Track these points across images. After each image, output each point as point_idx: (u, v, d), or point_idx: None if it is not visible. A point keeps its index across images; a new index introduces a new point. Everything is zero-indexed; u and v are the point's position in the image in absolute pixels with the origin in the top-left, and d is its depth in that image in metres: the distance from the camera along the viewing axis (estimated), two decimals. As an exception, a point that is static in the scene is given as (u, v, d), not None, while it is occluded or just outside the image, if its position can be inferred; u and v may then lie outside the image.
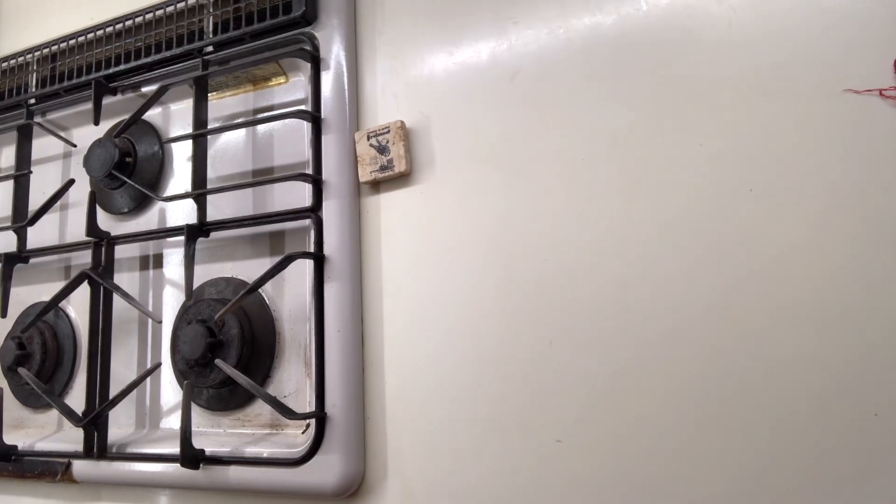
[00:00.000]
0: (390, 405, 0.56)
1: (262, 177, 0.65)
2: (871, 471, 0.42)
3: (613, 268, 0.50)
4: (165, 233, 0.67)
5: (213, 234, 0.65)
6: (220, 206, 0.66)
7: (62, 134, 0.80)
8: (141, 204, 0.72)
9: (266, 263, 0.56)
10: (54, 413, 0.74)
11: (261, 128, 0.67)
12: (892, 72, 0.44)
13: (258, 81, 0.68)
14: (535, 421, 0.50)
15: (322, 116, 0.61)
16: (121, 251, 0.72)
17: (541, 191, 0.54)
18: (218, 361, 0.58)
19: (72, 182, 0.75)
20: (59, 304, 0.73)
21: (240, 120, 0.68)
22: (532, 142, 0.55)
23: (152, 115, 0.74)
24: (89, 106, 0.73)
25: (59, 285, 0.70)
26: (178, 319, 0.67)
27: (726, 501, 0.44)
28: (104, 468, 0.64)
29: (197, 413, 0.64)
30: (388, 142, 0.58)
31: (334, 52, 0.62)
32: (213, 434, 0.63)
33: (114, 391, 0.65)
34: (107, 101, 0.74)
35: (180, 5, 0.70)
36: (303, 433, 0.57)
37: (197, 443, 0.58)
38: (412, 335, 0.56)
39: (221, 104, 0.70)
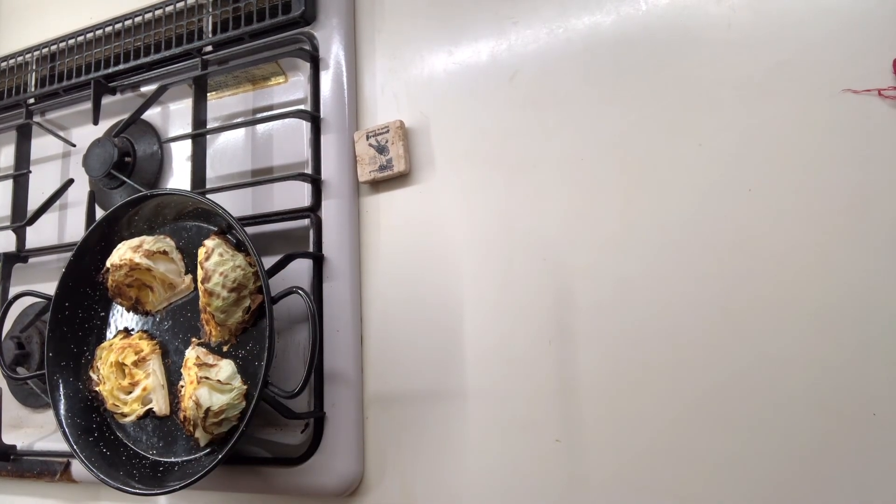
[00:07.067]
0: (390, 405, 0.56)
1: (262, 176, 0.65)
2: (869, 470, 0.42)
3: (613, 268, 0.50)
4: (165, 232, 0.67)
5: (213, 234, 0.64)
6: (220, 206, 0.66)
7: (61, 133, 0.79)
8: (140, 203, 0.72)
9: (265, 263, 0.56)
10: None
11: (260, 127, 0.67)
12: (892, 72, 0.44)
13: (257, 81, 0.68)
14: (534, 421, 0.50)
15: (321, 116, 0.61)
16: (120, 251, 0.72)
17: (540, 191, 0.54)
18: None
19: (71, 182, 0.75)
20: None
21: (239, 119, 0.68)
22: (531, 142, 0.55)
23: (151, 114, 0.74)
24: (88, 105, 0.73)
25: (58, 285, 0.70)
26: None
27: (725, 500, 0.44)
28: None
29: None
30: (387, 141, 0.58)
31: (333, 52, 0.62)
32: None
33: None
34: (106, 100, 0.74)
35: (179, 5, 0.70)
36: (301, 433, 0.57)
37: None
38: (411, 335, 0.56)
39: (221, 104, 0.69)
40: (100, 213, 0.72)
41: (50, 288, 0.60)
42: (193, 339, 0.57)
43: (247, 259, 0.55)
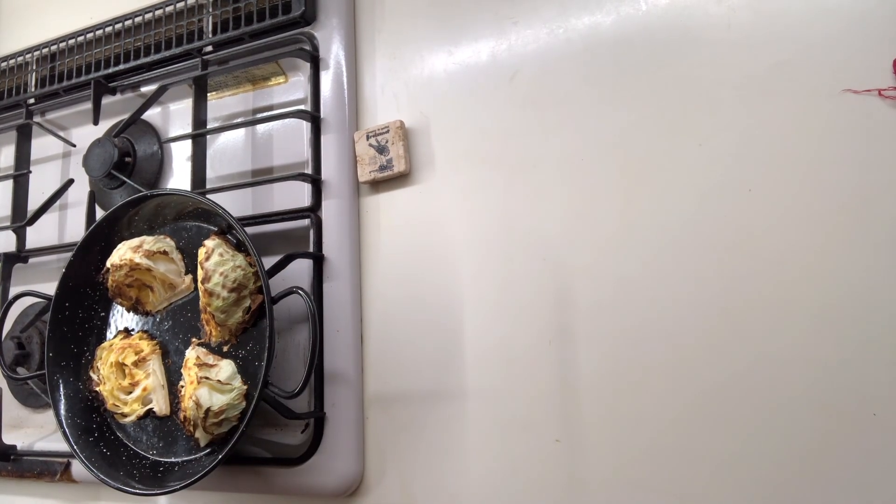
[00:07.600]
0: (390, 405, 0.56)
1: (262, 176, 0.65)
2: (869, 470, 0.42)
3: (613, 267, 0.50)
4: (165, 232, 0.67)
5: (213, 234, 0.64)
6: (220, 206, 0.66)
7: (61, 134, 0.79)
8: (140, 204, 0.72)
9: (265, 263, 0.56)
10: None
11: (260, 127, 0.67)
12: (892, 72, 0.44)
13: (257, 81, 0.68)
14: (534, 421, 0.50)
15: (321, 116, 0.61)
16: (120, 251, 0.72)
17: (540, 191, 0.54)
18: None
19: (71, 182, 0.75)
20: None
21: (239, 120, 0.68)
22: (531, 142, 0.55)
23: (151, 114, 0.74)
24: (89, 106, 0.73)
25: (58, 285, 0.70)
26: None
27: (725, 500, 0.44)
28: (103, 468, 0.64)
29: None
30: (387, 141, 0.58)
31: (333, 52, 0.62)
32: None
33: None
34: (106, 100, 0.74)
35: (180, 5, 0.70)
36: (302, 433, 0.57)
37: (196, 443, 0.58)
38: (411, 335, 0.56)
39: (221, 104, 0.69)
40: (100, 214, 0.72)
41: (50, 288, 0.61)
42: (193, 340, 0.57)
43: (247, 259, 0.55)
